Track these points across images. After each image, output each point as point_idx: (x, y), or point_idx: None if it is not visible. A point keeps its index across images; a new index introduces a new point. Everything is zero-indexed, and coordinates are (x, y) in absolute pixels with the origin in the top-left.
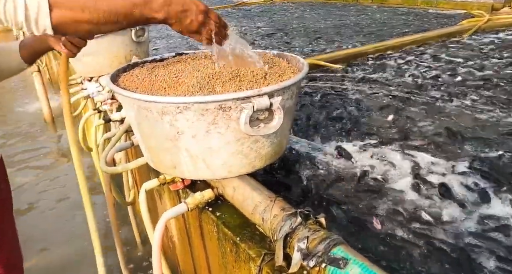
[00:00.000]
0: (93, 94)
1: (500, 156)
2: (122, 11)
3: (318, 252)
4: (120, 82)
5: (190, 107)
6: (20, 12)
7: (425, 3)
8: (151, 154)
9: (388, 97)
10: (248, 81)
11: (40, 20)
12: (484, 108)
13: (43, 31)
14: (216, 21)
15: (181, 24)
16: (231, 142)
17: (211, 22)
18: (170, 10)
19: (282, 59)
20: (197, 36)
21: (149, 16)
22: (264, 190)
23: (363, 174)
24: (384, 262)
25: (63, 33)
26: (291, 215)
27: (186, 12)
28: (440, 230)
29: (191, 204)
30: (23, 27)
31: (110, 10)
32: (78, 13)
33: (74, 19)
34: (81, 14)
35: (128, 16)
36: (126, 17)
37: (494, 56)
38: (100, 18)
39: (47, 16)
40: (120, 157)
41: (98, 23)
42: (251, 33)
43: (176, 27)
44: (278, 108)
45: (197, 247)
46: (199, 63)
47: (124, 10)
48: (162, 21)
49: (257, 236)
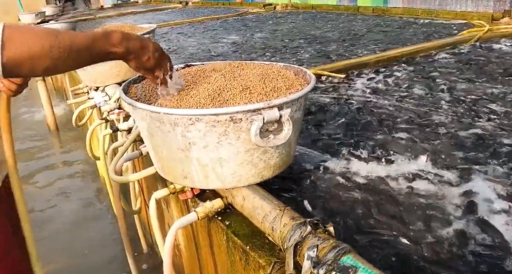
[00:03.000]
0: (99, 103)
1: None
2: (83, 46)
3: (327, 261)
4: (132, 94)
5: (202, 119)
6: None
7: (425, 13)
8: (162, 164)
9: (389, 107)
10: (258, 94)
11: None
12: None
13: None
14: (169, 64)
15: (139, 60)
16: (241, 152)
17: (165, 65)
18: (130, 45)
19: (289, 71)
20: (151, 75)
21: (110, 50)
22: (273, 200)
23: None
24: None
25: (14, 73)
26: (301, 224)
27: (144, 49)
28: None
29: (201, 213)
30: None
31: (71, 44)
32: (36, 47)
33: (31, 55)
34: (40, 49)
35: (90, 50)
36: (88, 51)
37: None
38: (61, 54)
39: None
40: (127, 166)
41: (58, 59)
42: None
43: (133, 63)
44: (287, 120)
45: (205, 255)
46: (209, 75)
47: (86, 45)
48: (121, 55)
49: (267, 245)
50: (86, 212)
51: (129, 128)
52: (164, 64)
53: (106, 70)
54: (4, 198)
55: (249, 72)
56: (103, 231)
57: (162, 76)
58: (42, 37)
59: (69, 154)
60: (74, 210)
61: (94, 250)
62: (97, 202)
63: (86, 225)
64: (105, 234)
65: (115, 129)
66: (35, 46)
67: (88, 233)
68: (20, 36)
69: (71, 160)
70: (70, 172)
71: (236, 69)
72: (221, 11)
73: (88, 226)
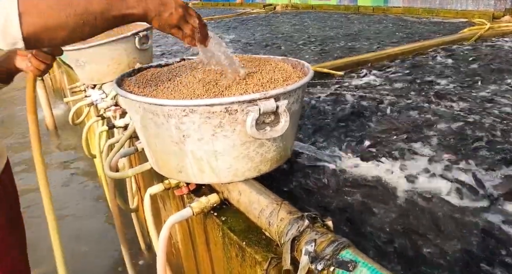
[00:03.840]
0: (96, 101)
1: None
2: (98, 11)
3: (326, 255)
4: (126, 86)
5: (196, 110)
6: None
7: (426, 12)
8: (156, 158)
9: (388, 103)
10: (254, 85)
11: (8, 31)
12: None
13: (12, 45)
14: (197, 18)
15: (161, 18)
16: (237, 145)
17: (192, 18)
18: (148, 3)
19: (287, 64)
20: (179, 33)
21: (127, 12)
22: (270, 194)
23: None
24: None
25: (36, 44)
26: (298, 218)
27: (164, 5)
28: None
29: (196, 208)
30: None
31: (86, 10)
32: (52, 18)
33: (48, 26)
34: (56, 19)
35: (105, 14)
36: (103, 16)
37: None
38: (77, 21)
39: (17, 25)
40: (124, 163)
41: (75, 27)
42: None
43: (155, 22)
44: (284, 112)
45: (201, 252)
46: (205, 67)
47: (100, 9)
48: (141, 16)
49: (263, 240)
50: (84, 210)
51: (125, 125)
52: (191, 19)
53: (103, 68)
54: (1, 196)
55: (246, 64)
56: (101, 230)
57: (193, 32)
58: (56, 7)
59: (68, 153)
60: (72, 209)
61: (92, 249)
62: (95, 201)
63: (85, 224)
64: (103, 233)
65: (111, 126)
66: (51, 17)
67: (86, 232)
68: (35, 8)
69: (69, 159)
70: (69, 171)
71: None
72: (221, 12)
73: (86, 225)
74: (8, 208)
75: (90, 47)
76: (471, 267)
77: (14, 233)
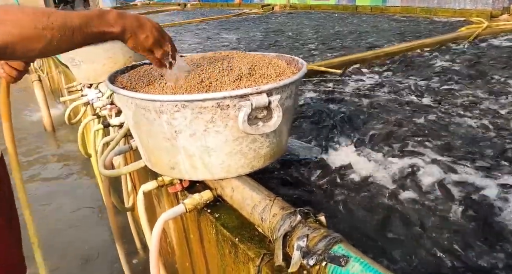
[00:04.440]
0: (92, 100)
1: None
2: (77, 25)
3: (318, 250)
4: (118, 83)
5: (187, 106)
6: None
7: (424, 11)
8: (149, 155)
9: (384, 101)
10: (246, 80)
11: None
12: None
13: None
14: (169, 42)
15: (137, 38)
16: (229, 141)
17: (165, 43)
18: (126, 23)
19: (281, 61)
20: (151, 56)
21: (105, 30)
22: (263, 190)
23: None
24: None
25: (10, 55)
26: (291, 214)
27: (141, 27)
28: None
29: (189, 204)
30: None
31: (65, 24)
32: (28, 29)
33: (23, 37)
34: (32, 30)
35: (84, 30)
36: (82, 32)
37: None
38: (54, 34)
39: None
40: (119, 162)
41: (51, 40)
42: (255, 42)
43: (131, 42)
44: (276, 107)
45: (196, 250)
46: (197, 63)
47: (79, 24)
48: (118, 35)
49: (256, 237)
50: (81, 210)
51: (120, 123)
52: (164, 43)
53: (99, 67)
54: (0, 196)
55: (239, 60)
56: (97, 229)
57: (163, 56)
58: (34, 18)
59: (65, 154)
60: (69, 208)
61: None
62: (92, 200)
63: (82, 223)
64: (99, 232)
65: (107, 124)
66: (27, 27)
67: (83, 231)
68: (12, 17)
69: (67, 159)
70: (66, 171)
71: (226, 57)
72: (219, 12)
73: (82, 225)
74: (8, 208)
75: None
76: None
77: (14, 233)
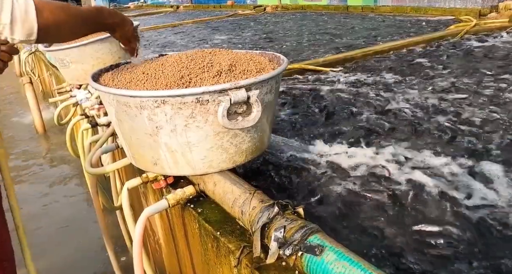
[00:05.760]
0: (81, 100)
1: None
2: (85, 16)
3: (294, 241)
4: (101, 80)
5: (167, 101)
6: (5, 14)
7: (414, 11)
8: (132, 151)
9: (373, 97)
10: (226, 76)
11: (27, 22)
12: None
13: (28, 36)
14: (138, 36)
15: (122, 30)
16: (210, 136)
17: (136, 36)
18: (115, 18)
19: (263, 58)
20: (129, 45)
21: (103, 22)
22: (244, 184)
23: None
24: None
25: (44, 37)
26: (269, 206)
27: (124, 21)
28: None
29: (172, 200)
30: (4, 30)
31: (80, 16)
32: (59, 16)
33: (56, 22)
34: (62, 17)
35: (91, 21)
36: (90, 22)
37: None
38: (74, 21)
39: (34, 18)
40: (108, 162)
41: (73, 26)
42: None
43: (118, 33)
44: (256, 102)
45: (181, 246)
46: (179, 60)
47: (87, 16)
48: (110, 26)
49: (238, 230)
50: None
51: (108, 122)
52: (136, 36)
53: (88, 68)
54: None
55: (220, 57)
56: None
57: (137, 45)
58: (61, 8)
59: (56, 155)
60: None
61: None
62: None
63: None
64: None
65: (94, 124)
66: (59, 15)
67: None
68: (47, 6)
69: (57, 161)
70: (58, 173)
71: (208, 55)
72: (212, 14)
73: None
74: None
75: (75, 47)
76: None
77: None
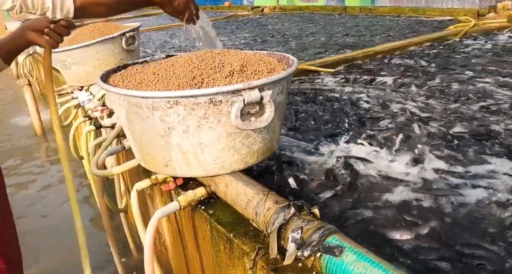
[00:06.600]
0: (83, 102)
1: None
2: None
3: (312, 242)
4: (111, 82)
5: (180, 102)
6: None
7: (412, 11)
8: (143, 153)
9: (375, 98)
10: (238, 76)
11: (65, 5)
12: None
13: (66, 15)
14: (193, 3)
15: (171, 5)
16: (222, 137)
17: (191, 6)
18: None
19: (272, 58)
20: (181, 16)
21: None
22: (257, 185)
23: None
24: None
25: (81, 15)
26: (285, 207)
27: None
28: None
29: (183, 201)
30: (48, 12)
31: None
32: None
33: (91, 2)
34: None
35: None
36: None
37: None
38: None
39: (71, 1)
40: (112, 164)
41: (112, 3)
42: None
43: (167, 8)
44: (269, 102)
45: (190, 248)
46: (189, 61)
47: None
48: (158, 2)
49: (251, 231)
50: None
51: (112, 124)
52: (190, 6)
53: (90, 69)
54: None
55: (230, 57)
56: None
57: (190, 15)
58: None
59: (54, 157)
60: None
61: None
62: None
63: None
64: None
65: (98, 126)
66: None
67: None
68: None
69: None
70: (58, 174)
71: (217, 55)
72: (209, 15)
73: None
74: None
75: (77, 49)
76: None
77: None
